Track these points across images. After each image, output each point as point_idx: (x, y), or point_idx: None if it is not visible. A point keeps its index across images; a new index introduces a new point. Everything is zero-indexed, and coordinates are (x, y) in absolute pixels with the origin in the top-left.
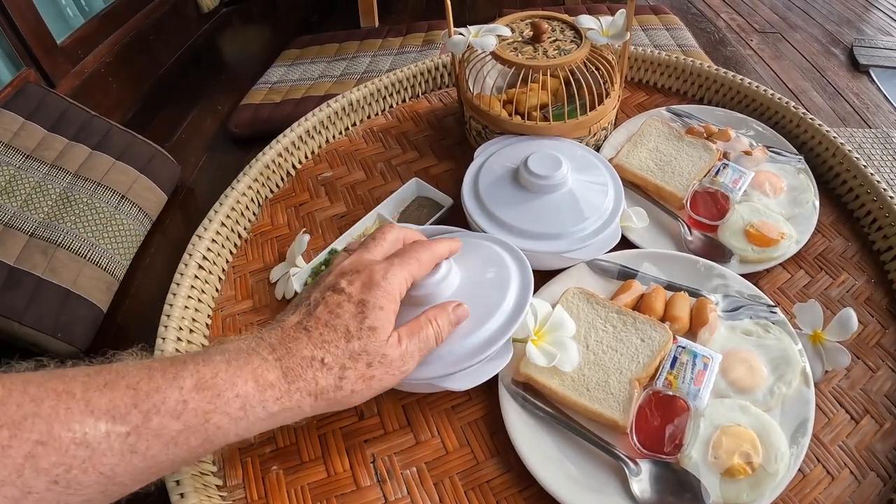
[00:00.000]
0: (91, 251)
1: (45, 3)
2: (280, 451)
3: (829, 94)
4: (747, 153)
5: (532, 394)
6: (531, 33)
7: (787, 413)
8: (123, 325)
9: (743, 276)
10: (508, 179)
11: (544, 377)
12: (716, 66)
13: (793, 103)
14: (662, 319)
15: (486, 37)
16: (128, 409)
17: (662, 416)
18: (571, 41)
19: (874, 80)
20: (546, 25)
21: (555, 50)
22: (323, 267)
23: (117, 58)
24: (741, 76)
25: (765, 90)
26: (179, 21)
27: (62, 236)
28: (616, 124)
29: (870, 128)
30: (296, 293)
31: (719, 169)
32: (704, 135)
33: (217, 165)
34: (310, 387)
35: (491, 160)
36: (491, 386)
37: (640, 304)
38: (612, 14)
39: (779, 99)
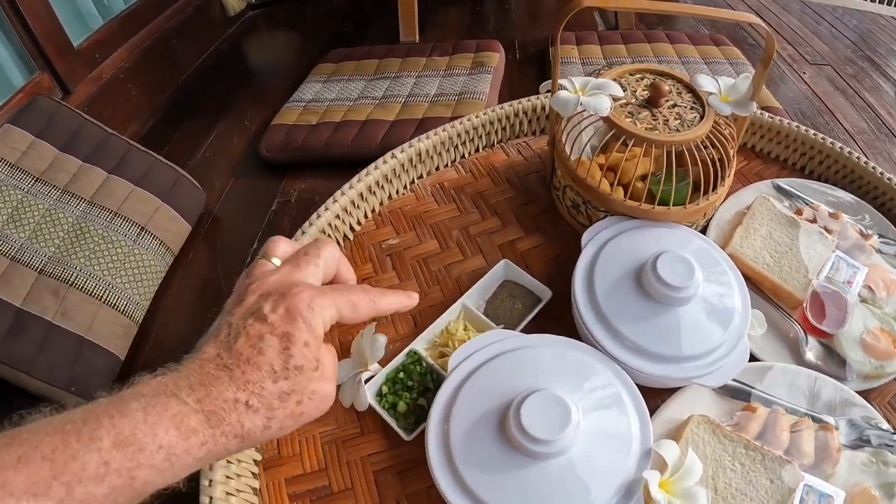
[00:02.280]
0: (107, 292)
1: (61, 2)
2: None
3: (884, 135)
4: (861, 243)
5: None
6: (647, 94)
7: None
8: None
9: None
10: (630, 283)
11: None
12: (821, 136)
13: None
14: (786, 452)
15: (597, 97)
16: (48, 483)
17: None
18: (692, 108)
19: None
20: (666, 88)
21: (675, 119)
22: (400, 374)
23: (137, 63)
24: (849, 149)
25: (873, 167)
26: (204, 25)
27: (75, 274)
28: None
29: None
30: (370, 405)
31: (833, 263)
32: (816, 218)
33: (245, 191)
34: (235, 430)
35: (605, 253)
36: None
37: (762, 433)
38: (671, 42)
39: (889, 180)
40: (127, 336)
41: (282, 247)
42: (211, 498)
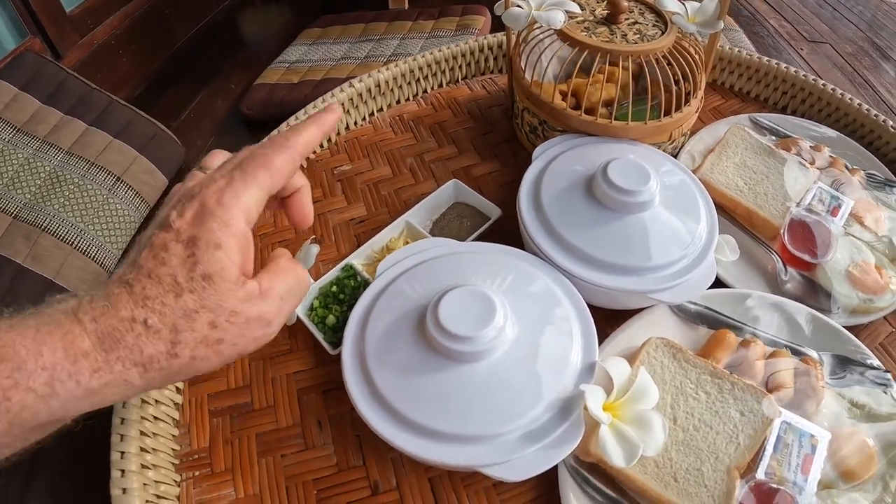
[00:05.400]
0: (79, 238)
1: None
2: None
3: (883, 112)
4: (846, 176)
5: (600, 478)
6: (606, 11)
7: None
8: None
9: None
10: (580, 191)
11: None
12: (804, 72)
13: (892, 122)
14: (761, 385)
15: (552, 11)
16: None
17: None
18: (654, 25)
19: None
20: (626, 4)
21: (635, 34)
22: (333, 288)
23: (129, 30)
24: (832, 86)
25: (859, 104)
26: None
27: (48, 220)
28: (691, 131)
29: None
30: (297, 318)
31: (815, 194)
32: (797, 150)
33: (225, 149)
34: (133, 356)
35: (555, 165)
36: None
37: (734, 363)
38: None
39: (875, 116)
40: (96, 282)
41: (218, 160)
42: (125, 403)
